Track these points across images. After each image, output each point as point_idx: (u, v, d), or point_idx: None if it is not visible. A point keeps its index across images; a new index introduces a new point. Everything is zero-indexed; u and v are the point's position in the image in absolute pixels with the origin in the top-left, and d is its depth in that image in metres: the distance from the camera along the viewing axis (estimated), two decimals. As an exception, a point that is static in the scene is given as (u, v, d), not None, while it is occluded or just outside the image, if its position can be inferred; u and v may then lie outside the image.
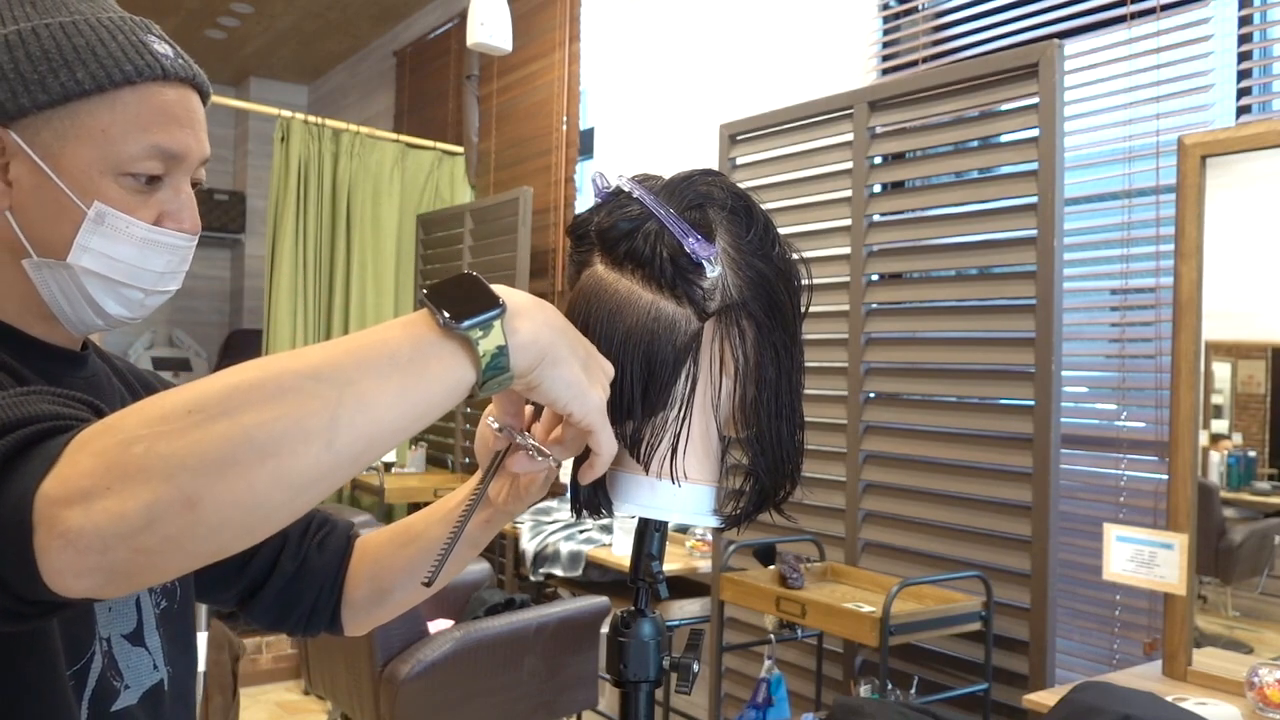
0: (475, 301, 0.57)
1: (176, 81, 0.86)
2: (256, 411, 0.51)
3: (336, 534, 1.01)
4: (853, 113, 2.56)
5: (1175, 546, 1.87)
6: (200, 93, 0.90)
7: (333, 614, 1.00)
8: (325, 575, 0.98)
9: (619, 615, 0.76)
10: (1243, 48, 2.24)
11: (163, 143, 0.82)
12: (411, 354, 0.55)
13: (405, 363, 0.55)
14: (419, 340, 0.56)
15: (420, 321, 0.57)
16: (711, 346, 0.72)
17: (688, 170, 0.76)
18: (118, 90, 0.81)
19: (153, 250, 0.84)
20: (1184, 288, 1.90)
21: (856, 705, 1.46)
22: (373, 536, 1.02)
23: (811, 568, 2.44)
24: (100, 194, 0.80)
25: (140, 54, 0.82)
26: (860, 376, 2.52)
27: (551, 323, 0.62)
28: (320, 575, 0.98)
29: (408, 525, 0.97)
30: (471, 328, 0.56)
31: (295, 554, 0.98)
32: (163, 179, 0.84)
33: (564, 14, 4.19)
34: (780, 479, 0.77)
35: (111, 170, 0.80)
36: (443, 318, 0.56)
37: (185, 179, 0.86)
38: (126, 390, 0.93)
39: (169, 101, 0.84)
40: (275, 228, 4.43)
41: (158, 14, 5.54)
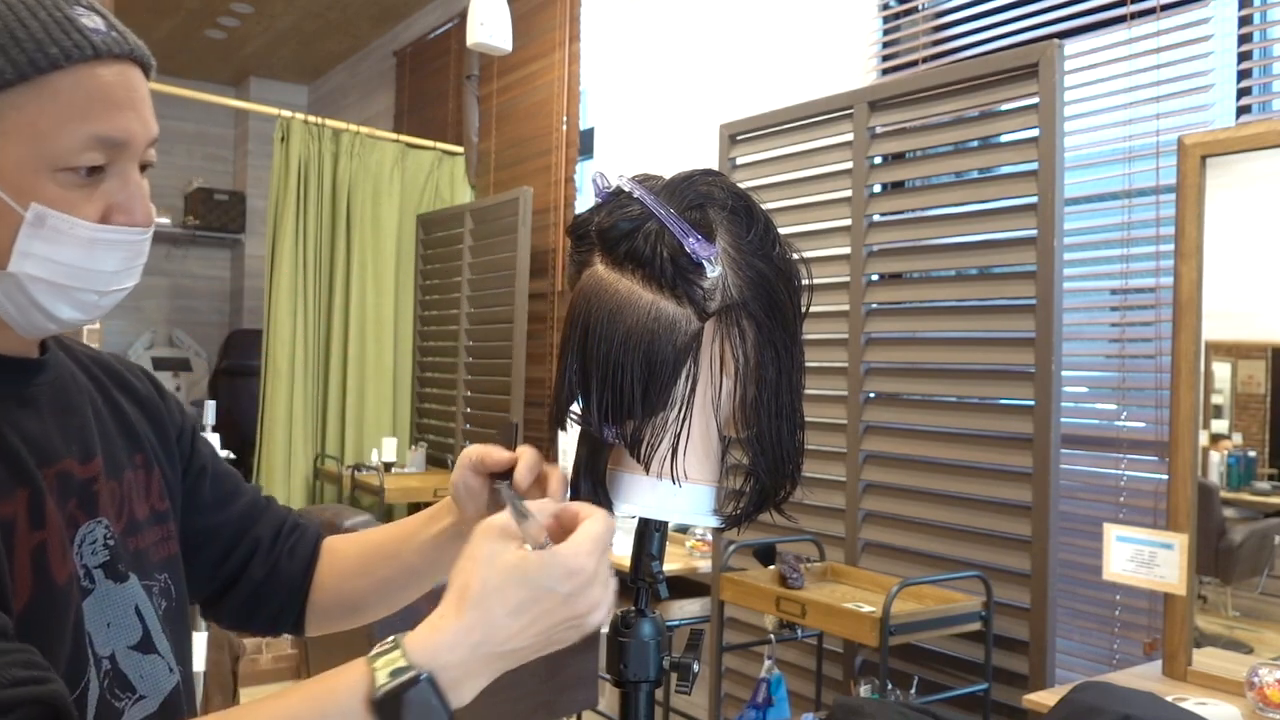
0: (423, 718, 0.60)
1: (112, 59, 0.75)
2: None
3: (306, 540, 1.01)
4: (853, 113, 2.56)
5: (1175, 546, 1.87)
6: (141, 66, 0.79)
7: (298, 618, 1.00)
8: (293, 581, 0.99)
9: (619, 615, 0.76)
10: (1243, 48, 2.24)
11: (103, 131, 0.74)
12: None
13: None
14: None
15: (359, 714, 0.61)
16: (712, 346, 0.73)
17: (688, 170, 0.76)
18: (45, 77, 0.71)
19: (102, 249, 0.76)
20: (1184, 288, 1.90)
21: (856, 705, 1.46)
22: (341, 548, 1.01)
23: (811, 568, 2.44)
24: (37, 194, 0.72)
25: (67, 32, 0.73)
26: (860, 376, 2.52)
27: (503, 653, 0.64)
28: (289, 581, 0.98)
29: (377, 546, 0.98)
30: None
31: (266, 560, 0.98)
32: (106, 168, 0.75)
33: (564, 14, 4.19)
34: (780, 479, 0.77)
35: (47, 166, 0.72)
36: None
37: (133, 165, 0.78)
38: (94, 386, 0.88)
39: (106, 83, 0.74)
40: (275, 228, 4.43)
41: (158, 14, 5.55)
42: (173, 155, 6.84)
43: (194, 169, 6.85)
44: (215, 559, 0.96)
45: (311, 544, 1.01)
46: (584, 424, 0.75)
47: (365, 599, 0.99)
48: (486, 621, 0.63)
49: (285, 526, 1.00)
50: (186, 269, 6.93)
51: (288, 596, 0.99)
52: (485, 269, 4.31)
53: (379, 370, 4.63)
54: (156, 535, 0.87)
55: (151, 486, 0.88)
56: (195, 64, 6.51)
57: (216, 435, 2.94)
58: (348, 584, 0.99)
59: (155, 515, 0.87)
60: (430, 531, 0.93)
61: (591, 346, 0.73)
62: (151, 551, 0.85)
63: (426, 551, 0.94)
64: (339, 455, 4.50)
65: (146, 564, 0.84)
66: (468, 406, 4.43)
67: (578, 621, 0.65)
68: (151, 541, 0.86)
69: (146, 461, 0.89)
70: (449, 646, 0.62)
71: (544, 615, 0.64)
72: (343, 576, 1.00)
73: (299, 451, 4.45)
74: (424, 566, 0.95)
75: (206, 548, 0.95)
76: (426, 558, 0.94)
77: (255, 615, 0.99)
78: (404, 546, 0.95)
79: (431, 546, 0.93)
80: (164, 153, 7.21)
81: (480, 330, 4.35)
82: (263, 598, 0.98)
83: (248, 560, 0.97)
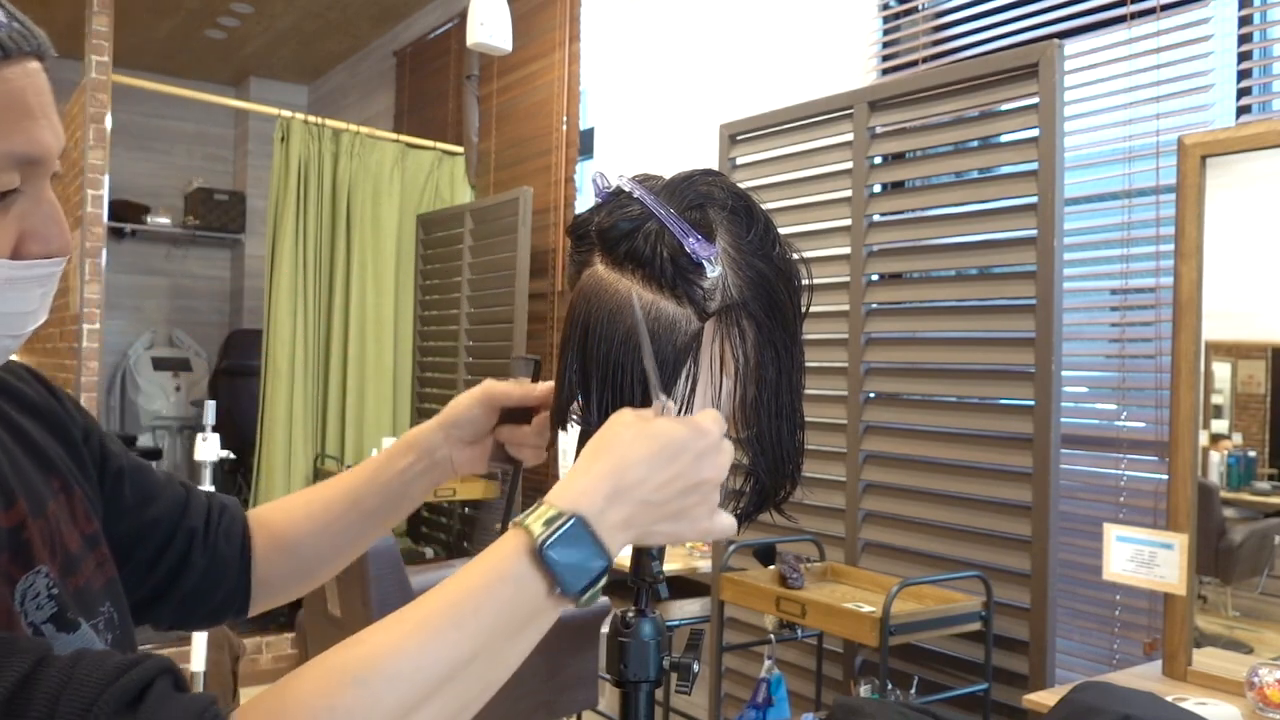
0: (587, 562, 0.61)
1: (20, 57, 0.62)
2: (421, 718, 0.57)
3: (234, 517, 0.95)
4: (853, 113, 2.56)
5: (1175, 546, 1.87)
6: (42, 59, 0.65)
7: (243, 600, 0.94)
8: (233, 562, 0.93)
9: (619, 615, 0.76)
10: (1243, 48, 2.24)
11: (17, 147, 0.62)
12: (530, 618, 0.61)
13: (527, 625, 0.61)
14: (536, 604, 0.61)
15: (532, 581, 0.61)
16: (712, 346, 0.73)
17: (688, 170, 0.77)
18: None
19: (17, 290, 0.64)
20: (1184, 288, 1.90)
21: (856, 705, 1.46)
22: (280, 513, 0.97)
23: (811, 568, 2.44)
24: None
25: None
26: (860, 376, 2.52)
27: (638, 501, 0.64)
28: (230, 563, 0.92)
29: (330, 500, 0.94)
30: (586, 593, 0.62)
31: (204, 546, 0.91)
32: (17, 190, 0.63)
33: (564, 14, 4.19)
34: (780, 479, 0.77)
35: None
36: (560, 590, 0.61)
37: (46, 183, 0.66)
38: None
39: (15, 89, 0.61)
40: (275, 228, 4.43)
41: (157, 14, 5.55)
42: (173, 155, 6.84)
43: (194, 169, 6.85)
44: (149, 559, 0.88)
45: (240, 520, 0.95)
46: (584, 424, 0.75)
47: (320, 555, 0.95)
48: (621, 469, 0.63)
49: (212, 509, 0.94)
50: (186, 269, 6.93)
51: (234, 578, 0.93)
52: (485, 269, 4.31)
53: (379, 370, 4.63)
54: (93, 563, 0.77)
55: (76, 511, 0.78)
56: (195, 64, 6.51)
57: (216, 435, 2.94)
58: (300, 545, 0.94)
59: (87, 541, 0.78)
60: (393, 470, 0.92)
61: (591, 346, 0.73)
62: (92, 583, 0.76)
63: (390, 492, 0.92)
64: (339, 455, 4.50)
65: (90, 600, 0.75)
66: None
67: (706, 489, 0.66)
68: (90, 572, 0.76)
69: (65, 484, 0.78)
70: (589, 492, 0.63)
71: (677, 473, 0.64)
72: (290, 539, 0.94)
73: (299, 451, 4.45)
74: (386, 509, 0.93)
75: (138, 549, 0.87)
76: (390, 498, 0.92)
77: (200, 606, 0.92)
78: (363, 491, 0.93)
79: (397, 484, 0.91)
80: (164, 153, 7.23)
81: (480, 330, 4.35)
82: (208, 586, 0.91)
83: (186, 552, 0.90)
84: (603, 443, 0.65)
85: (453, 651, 0.58)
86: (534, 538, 0.60)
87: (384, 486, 0.92)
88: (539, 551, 0.60)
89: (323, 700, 0.55)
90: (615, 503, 0.63)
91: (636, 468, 0.63)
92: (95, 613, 0.75)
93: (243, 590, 0.94)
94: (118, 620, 0.78)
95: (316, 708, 0.55)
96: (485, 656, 0.60)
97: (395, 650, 0.57)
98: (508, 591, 0.60)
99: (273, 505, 0.98)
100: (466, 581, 0.61)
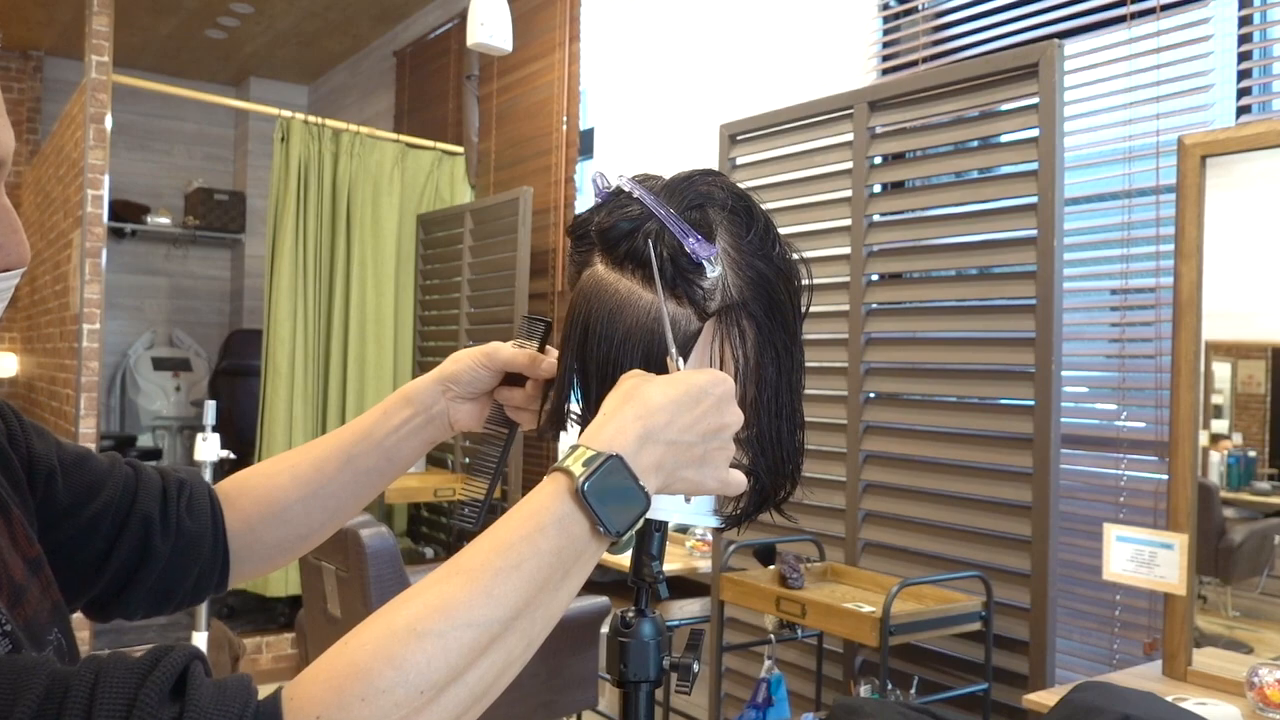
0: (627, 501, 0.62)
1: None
2: (480, 671, 0.57)
3: (197, 491, 0.89)
4: (853, 113, 2.56)
5: (1175, 546, 1.87)
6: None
7: (221, 575, 0.89)
8: (204, 539, 0.87)
9: (619, 615, 0.76)
10: (1243, 48, 2.24)
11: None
12: (576, 559, 0.62)
13: (573, 567, 0.62)
14: (581, 545, 0.62)
15: (576, 523, 0.61)
16: (711, 346, 0.73)
17: (688, 170, 0.77)
18: None
19: None
20: (1184, 288, 1.90)
21: (856, 705, 1.46)
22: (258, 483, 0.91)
23: (811, 568, 2.44)
24: None
25: None
26: (860, 376, 2.52)
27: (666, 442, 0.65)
28: (199, 540, 0.87)
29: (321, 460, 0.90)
30: (626, 533, 0.62)
31: (165, 530, 0.85)
32: None
33: (564, 14, 4.19)
34: (780, 479, 0.77)
35: None
36: (602, 529, 0.61)
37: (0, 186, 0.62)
38: None
39: None
40: (275, 228, 4.43)
41: (157, 14, 5.55)
42: (173, 155, 6.85)
43: (194, 169, 6.85)
44: (99, 554, 0.81)
45: (205, 493, 0.89)
46: (584, 424, 0.75)
47: (312, 519, 0.90)
48: (650, 411, 0.64)
49: (169, 487, 0.87)
50: (186, 269, 6.93)
51: (208, 556, 0.87)
52: (485, 269, 4.31)
53: (379, 370, 4.63)
54: (38, 589, 0.72)
55: (16, 533, 0.72)
56: (195, 64, 6.51)
57: (216, 435, 2.94)
58: (289, 509, 0.89)
59: (30, 566, 0.72)
60: (389, 425, 0.89)
61: (591, 346, 0.73)
62: (39, 612, 0.71)
63: (386, 449, 0.89)
64: (339, 455, 4.50)
65: (38, 630, 0.69)
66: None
67: (726, 434, 0.67)
68: (36, 600, 0.71)
69: (3, 507, 0.72)
70: (623, 432, 0.63)
71: (701, 414, 0.66)
72: (279, 505, 0.90)
73: (299, 451, 4.45)
74: (381, 466, 0.90)
75: (84, 549, 0.80)
76: (385, 455, 0.89)
77: (175, 589, 0.87)
78: (358, 449, 0.89)
79: (393, 441, 0.89)
80: (164, 153, 7.23)
81: (480, 330, 4.35)
82: (179, 569, 0.86)
83: (145, 540, 0.83)
84: (625, 391, 0.66)
85: (508, 599, 0.58)
86: (575, 478, 0.61)
87: (379, 443, 0.89)
88: (580, 492, 0.60)
89: (383, 655, 0.54)
90: (647, 444, 0.63)
91: (664, 410, 0.64)
92: (44, 642, 0.70)
93: (220, 564, 0.89)
94: (66, 646, 0.73)
95: (378, 662, 0.54)
96: (537, 603, 0.60)
97: (453, 601, 0.57)
98: (553, 533, 0.60)
99: (252, 470, 0.93)
100: (512, 529, 0.60)
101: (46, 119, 6.29)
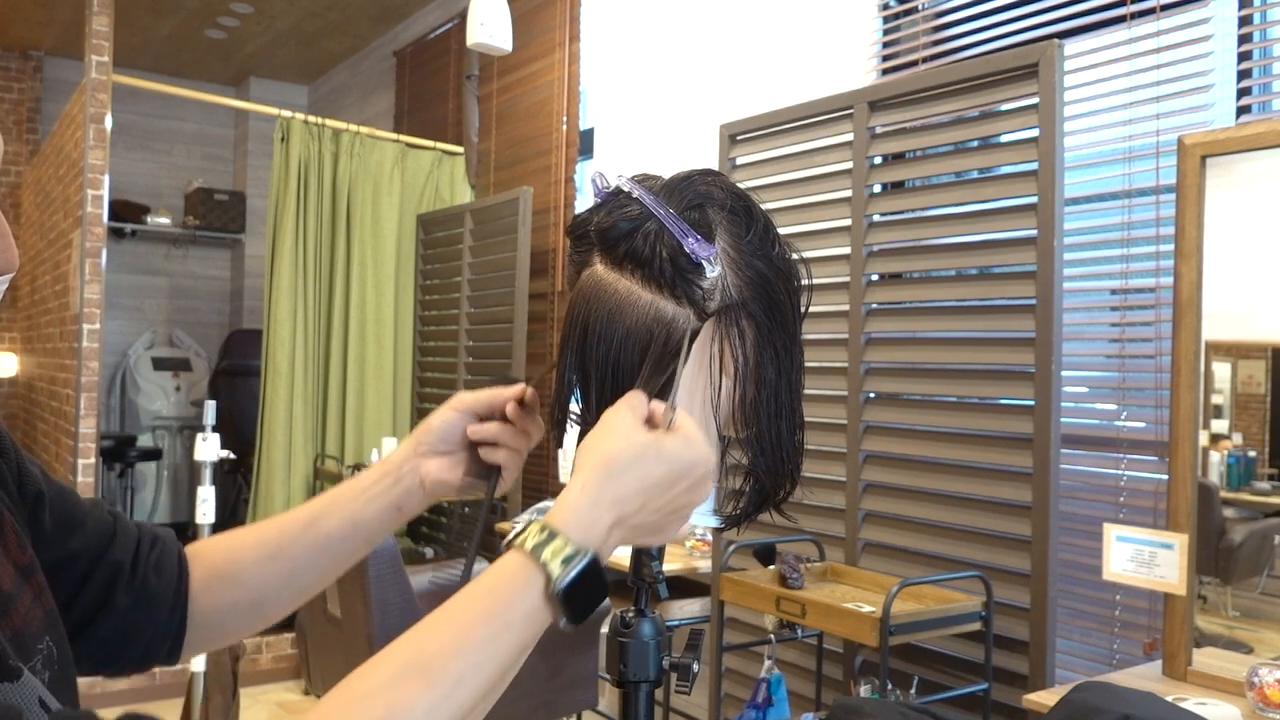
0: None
1: None
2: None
3: (168, 550, 0.86)
4: (853, 113, 2.56)
5: (1175, 546, 1.87)
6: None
7: (174, 641, 0.85)
8: (165, 599, 0.83)
9: (619, 615, 0.76)
10: (1243, 48, 2.24)
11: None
12: (534, 641, 0.62)
13: (530, 646, 0.63)
14: (540, 630, 0.62)
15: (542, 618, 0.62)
16: (711, 347, 0.72)
17: (688, 170, 0.76)
18: None
19: None
20: (1184, 288, 1.90)
21: (856, 705, 1.46)
22: (220, 544, 0.89)
23: (811, 568, 2.44)
24: None
25: None
26: (860, 376, 2.52)
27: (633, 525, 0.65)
28: (161, 600, 0.83)
29: (280, 528, 0.87)
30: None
31: (130, 583, 0.82)
32: None
33: (564, 14, 4.19)
34: (780, 479, 0.77)
35: None
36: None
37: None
38: None
39: None
40: (275, 228, 4.43)
41: (158, 14, 5.55)
42: (173, 155, 6.85)
43: (194, 169, 6.85)
44: (65, 597, 0.78)
45: (175, 553, 0.86)
46: (584, 424, 0.75)
47: (266, 583, 0.86)
48: (624, 496, 0.64)
49: (142, 541, 0.85)
50: (186, 269, 6.93)
51: (165, 618, 0.84)
52: (485, 269, 4.31)
53: (379, 370, 4.63)
54: (29, 597, 0.70)
55: (8, 540, 0.70)
56: (195, 64, 6.51)
57: (216, 435, 2.94)
58: (245, 571, 0.86)
59: (22, 573, 0.70)
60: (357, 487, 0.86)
61: (591, 346, 0.73)
62: (29, 621, 0.69)
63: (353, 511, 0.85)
64: (339, 455, 4.50)
65: (27, 640, 0.68)
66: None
67: (687, 510, 0.67)
68: (26, 608, 0.69)
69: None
70: (596, 523, 0.63)
71: (673, 498, 0.66)
72: (235, 565, 0.86)
73: (299, 451, 4.45)
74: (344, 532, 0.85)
75: (55, 587, 0.76)
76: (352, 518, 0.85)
77: (125, 650, 0.83)
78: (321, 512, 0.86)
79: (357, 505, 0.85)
80: (164, 153, 7.23)
81: (480, 330, 4.35)
82: (133, 627, 0.82)
83: (109, 589, 0.80)
84: (605, 459, 0.65)
85: (465, 699, 0.59)
86: (553, 580, 0.61)
87: (343, 507, 0.85)
88: (557, 595, 0.61)
89: None
90: (615, 529, 0.64)
91: (640, 495, 0.64)
92: (33, 652, 0.68)
93: (175, 630, 0.84)
94: (56, 655, 0.71)
95: None
96: (493, 690, 0.61)
97: (412, 706, 0.57)
98: (519, 629, 0.61)
99: (221, 535, 0.90)
100: (477, 621, 0.60)
101: (46, 119, 6.29)
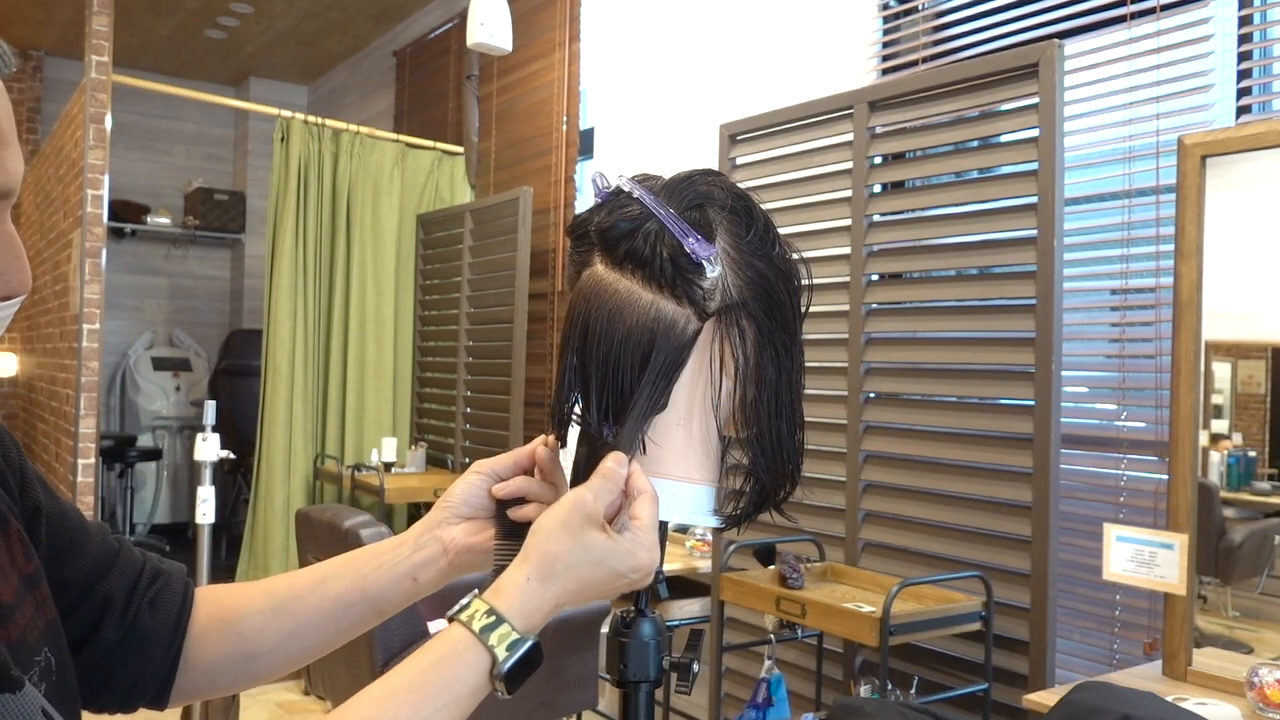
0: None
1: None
2: None
3: (171, 588, 0.82)
4: (853, 113, 2.56)
5: (1175, 546, 1.87)
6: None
7: (163, 684, 0.80)
8: (158, 640, 0.79)
9: (619, 615, 0.76)
10: (1243, 48, 2.24)
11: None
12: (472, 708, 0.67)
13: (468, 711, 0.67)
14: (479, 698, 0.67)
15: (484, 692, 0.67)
16: (711, 346, 0.72)
17: (688, 170, 0.76)
18: None
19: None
20: (1184, 288, 1.90)
21: (856, 705, 1.46)
22: (231, 589, 0.85)
23: (811, 568, 2.44)
24: None
25: None
26: (860, 376, 2.52)
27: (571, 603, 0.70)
28: (152, 640, 0.79)
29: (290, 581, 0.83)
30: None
31: (121, 618, 0.78)
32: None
33: (564, 14, 4.19)
34: (780, 479, 0.77)
35: None
36: (501, 695, 0.67)
37: (6, 214, 0.60)
38: None
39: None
40: (275, 228, 4.43)
41: (158, 14, 5.55)
42: (173, 155, 6.85)
43: (194, 169, 6.85)
44: None
45: (179, 591, 0.82)
46: (584, 424, 0.75)
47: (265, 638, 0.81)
48: (563, 590, 0.69)
49: (143, 575, 0.80)
50: (186, 269, 6.93)
51: (151, 660, 0.79)
52: (485, 269, 4.31)
53: (379, 370, 4.63)
54: (31, 607, 0.68)
55: (14, 549, 0.68)
56: (195, 64, 6.51)
57: (216, 435, 2.94)
58: (244, 621, 0.82)
59: (26, 583, 0.68)
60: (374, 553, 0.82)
61: (591, 346, 0.73)
62: (29, 631, 0.67)
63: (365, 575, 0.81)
64: (339, 455, 4.50)
65: (26, 650, 0.66)
66: (468, 406, 4.43)
67: (626, 589, 0.72)
68: (27, 618, 0.67)
69: (1, 519, 0.69)
70: (537, 611, 0.68)
71: (611, 589, 0.71)
72: (236, 614, 0.82)
73: (299, 451, 4.45)
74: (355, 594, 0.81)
75: None
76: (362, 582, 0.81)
77: (109, 687, 0.78)
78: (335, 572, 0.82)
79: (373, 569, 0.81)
80: (164, 153, 7.23)
81: (480, 330, 4.35)
82: (118, 664, 0.78)
83: (97, 621, 0.76)
84: (550, 559, 0.69)
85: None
86: (498, 663, 0.65)
87: (357, 570, 0.81)
88: (500, 676, 0.66)
89: None
90: (554, 611, 0.70)
91: (578, 592, 0.69)
92: (30, 663, 0.66)
93: (166, 673, 0.80)
94: (54, 666, 0.68)
95: None
96: None
97: None
98: (467, 704, 0.66)
99: (237, 583, 0.87)
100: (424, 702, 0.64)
101: (46, 119, 6.29)
